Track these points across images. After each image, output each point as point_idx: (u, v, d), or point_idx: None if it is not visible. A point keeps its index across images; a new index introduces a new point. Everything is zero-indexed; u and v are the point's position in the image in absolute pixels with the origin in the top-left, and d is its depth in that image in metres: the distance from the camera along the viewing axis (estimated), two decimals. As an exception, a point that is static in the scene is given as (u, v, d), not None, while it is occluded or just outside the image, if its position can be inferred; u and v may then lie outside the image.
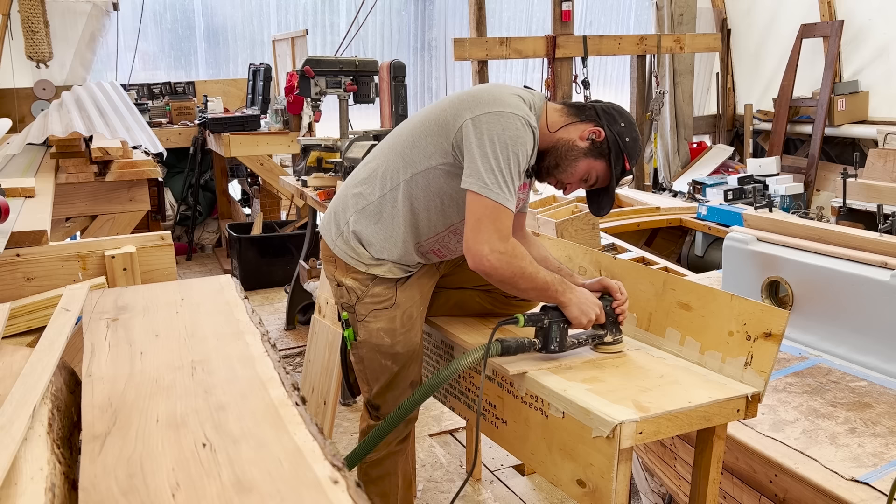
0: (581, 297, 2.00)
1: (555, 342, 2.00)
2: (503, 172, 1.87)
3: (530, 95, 2.04)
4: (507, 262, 1.89)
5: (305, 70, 4.02)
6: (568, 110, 2.06)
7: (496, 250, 1.88)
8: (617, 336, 2.08)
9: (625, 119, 2.05)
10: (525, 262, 1.93)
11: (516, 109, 1.92)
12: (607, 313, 2.05)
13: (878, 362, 2.56)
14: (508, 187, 1.88)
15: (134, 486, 0.98)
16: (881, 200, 4.52)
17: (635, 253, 4.23)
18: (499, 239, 1.87)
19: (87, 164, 3.60)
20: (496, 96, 1.95)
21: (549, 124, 2.03)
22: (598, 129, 2.02)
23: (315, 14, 7.73)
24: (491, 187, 1.86)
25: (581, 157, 2.02)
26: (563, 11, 6.40)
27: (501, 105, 1.92)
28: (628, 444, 1.67)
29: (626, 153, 2.03)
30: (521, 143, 1.90)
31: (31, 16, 6.08)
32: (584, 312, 1.99)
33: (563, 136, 2.02)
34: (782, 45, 7.78)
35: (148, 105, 6.59)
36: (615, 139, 2.02)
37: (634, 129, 2.06)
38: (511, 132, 1.89)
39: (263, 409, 1.19)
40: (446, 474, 3.06)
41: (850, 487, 1.90)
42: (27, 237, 2.31)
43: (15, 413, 1.21)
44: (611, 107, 2.08)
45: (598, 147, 2.02)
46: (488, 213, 1.87)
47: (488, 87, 2.07)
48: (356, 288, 2.14)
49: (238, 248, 5.61)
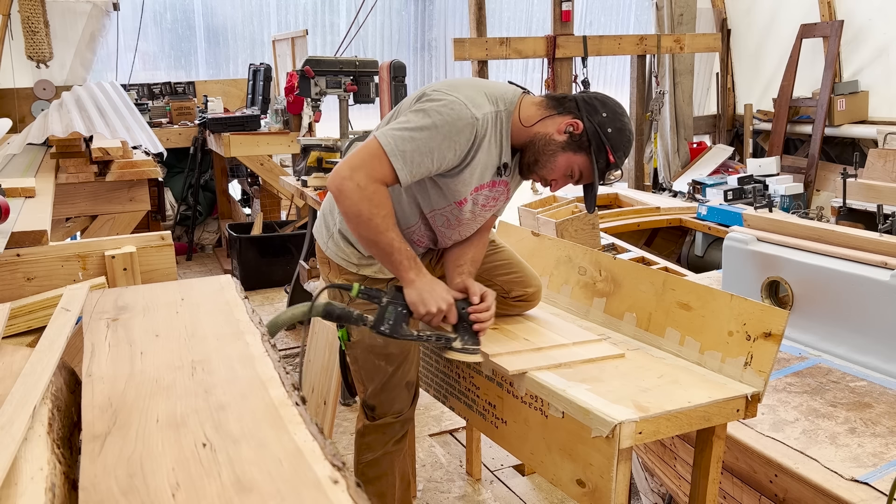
0: (428, 286, 1.91)
1: (387, 323, 1.91)
2: (411, 136, 1.83)
3: (501, 90, 1.97)
4: (358, 198, 1.83)
5: (305, 70, 4.02)
6: (547, 103, 1.97)
7: (356, 180, 1.82)
8: (467, 344, 1.95)
9: (608, 109, 1.94)
10: (377, 212, 1.84)
11: (464, 97, 1.86)
12: (461, 316, 1.94)
13: (878, 362, 2.56)
14: (406, 147, 1.83)
15: (134, 486, 0.98)
16: (881, 200, 4.52)
17: (635, 253, 4.22)
18: (366, 174, 1.82)
19: (87, 164, 3.60)
20: (453, 84, 1.93)
21: (522, 119, 1.95)
22: (575, 122, 1.92)
23: (315, 14, 7.73)
24: (388, 137, 1.84)
25: (559, 152, 1.94)
26: (563, 11, 6.40)
27: (451, 90, 1.89)
28: (628, 444, 1.67)
29: (608, 145, 1.92)
30: (448, 124, 1.83)
31: (31, 16, 6.09)
32: (422, 301, 1.90)
33: (539, 131, 1.94)
34: (782, 45, 7.79)
35: (148, 105, 6.59)
36: (595, 131, 1.91)
37: (619, 119, 1.94)
38: (444, 111, 1.84)
39: (263, 409, 1.19)
40: (446, 474, 3.06)
41: (850, 487, 1.90)
42: (27, 237, 2.31)
43: (15, 413, 1.21)
44: (593, 97, 1.97)
45: (577, 140, 1.93)
46: (371, 150, 1.85)
47: (454, 79, 2.05)
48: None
49: (238, 248, 5.61)
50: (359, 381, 2.22)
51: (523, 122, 1.95)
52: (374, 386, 2.18)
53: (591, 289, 2.34)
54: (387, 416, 2.22)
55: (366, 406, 2.24)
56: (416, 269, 1.92)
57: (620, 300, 2.23)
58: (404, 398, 2.22)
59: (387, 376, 2.17)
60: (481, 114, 1.87)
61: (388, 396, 2.20)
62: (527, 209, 4.24)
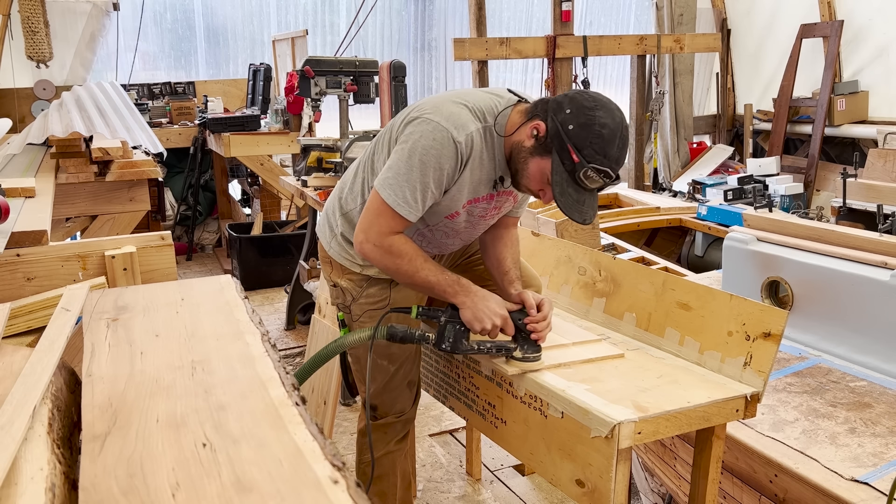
0: (479, 303, 1.93)
1: (447, 341, 1.97)
2: (404, 177, 1.86)
3: (492, 103, 1.94)
4: (379, 256, 1.93)
5: (305, 70, 4.02)
6: (528, 109, 1.92)
7: (371, 241, 1.92)
8: (528, 353, 1.96)
9: (574, 105, 1.80)
10: (401, 261, 1.92)
11: (445, 120, 1.86)
12: (518, 327, 1.96)
13: (878, 362, 2.56)
14: (404, 192, 1.87)
15: (134, 486, 0.98)
16: (881, 200, 4.52)
17: (635, 253, 4.23)
18: (377, 233, 1.91)
19: (87, 164, 3.60)
20: (437, 105, 1.92)
21: (506, 129, 1.92)
22: (538, 124, 1.84)
23: (315, 14, 7.73)
24: (384, 186, 1.89)
25: (529, 158, 1.88)
26: (563, 11, 6.40)
27: (433, 113, 1.88)
28: (627, 444, 1.67)
29: (570, 143, 1.78)
30: (433, 153, 1.85)
31: (31, 16, 6.09)
32: (477, 318, 1.92)
33: (516, 140, 1.91)
34: (782, 45, 7.79)
35: (148, 105, 6.59)
36: (557, 130, 1.79)
37: (586, 114, 1.78)
38: (426, 141, 1.85)
39: (263, 409, 1.20)
40: (446, 474, 3.06)
41: (850, 487, 1.90)
42: (27, 237, 2.31)
43: (15, 413, 1.21)
44: (565, 94, 1.86)
45: (542, 143, 1.84)
46: (375, 208, 1.91)
47: (442, 94, 2.03)
48: (351, 289, 2.15)
49: (238, 248, 5.61)
50: (360, 380, 2.23)
51: (504, 133, 1.92)
52: (376, 386, 2.19)
53: (590, 289, 2.34)
54: (388, 416, 2.22)
55: (368, 406, 2.24)
56: (464, 291, 1.95)
57: (620, 300, 2.23)
58: (406, 398, 2.22)
59: (389, 376, 2.17)
60: (464, 136, 1.86)
61: (390, 396, 2.20)
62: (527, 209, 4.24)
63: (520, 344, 1.97)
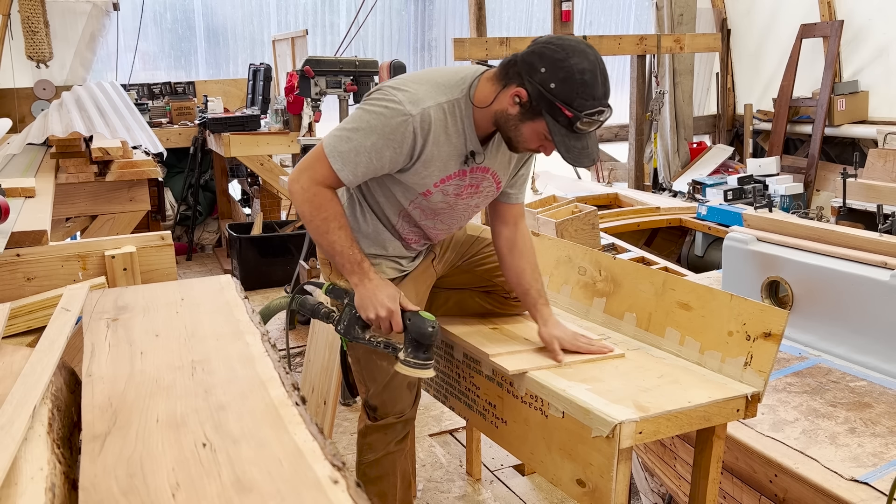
0: (370, 291, 1.92)
1: (342, 324, 1.98)
2: (350, 136, 1.88)
3: (458, 78, 1.92)
4: (301, 200, 1.93)
5: (305, 70, 4.02)
6: (498, 75, 1.89)
7: (300, 183, 1.92)
8: (411, 357, 1.89)
9: (545, 62, 1.77)
10: (317, 214, 1.92)
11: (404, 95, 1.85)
12: (408, 328, 1.90)
13: (878, 362, 2.56)
14: (342, 148, 1.87)
15: (134, 486, 0.98)
16: (881, 200, 4.52)
17: (635, 253, 4.23)
18: (309, 177, 1.92)
19: (87, 164, 3.60)
20: (404, 80, 1.93)
21: (478, 101, 1.90)
22: (519, 90, 1.81)
23: (315, 14, 7.73)
24: (330, 139, 1.90)
25: (520, 125, 1.85)
26: (563, 11, 6.40)
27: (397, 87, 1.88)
28: (628, 444, 1.67)
29: (558, 101, 1.76)
30: (381, 121, 1.85)
31: (31, 16, 6.09)
32: (362, 306, 1.93)
33: (497, 109, 1.87)
34: (782, 45, 7.78)
35: (148, 105, 6.59)
36: (539, 92, 1.77)
37: (562, 68, 1.75)
38: (378, 108, 1.86)
39: (263, 409, 1.19)
40: (446, 474, 3.06)
41: (850, 487, 1.90)
42: (27, 237, 2.31)
43: (15, 413, 1.21)
44: (532, 51, 1.81)
45: (528, 108, 1.81)
46: (316, 152, 1.92)
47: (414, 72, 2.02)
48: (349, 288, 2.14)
49: (238, 248, 5.61)
50: (360, 381, 2.22)
51: (479, 104, 1.89)
52: (375, 386, 2.18)
53: (591, 289, 2.34)
54: (389, 417, 2.22)
55: (368, 406, 2.23)
56: (360, 273, 1.95)
57: (620, 300, 2.23)
58: (406, 399, 2.22)
59: (388, 377, 2.16)
60: (418, 110, 1.84)
61: (390, 397, 2.19)
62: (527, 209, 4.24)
63: (405, 346, 1.92)
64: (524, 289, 2.16)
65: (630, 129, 7.31)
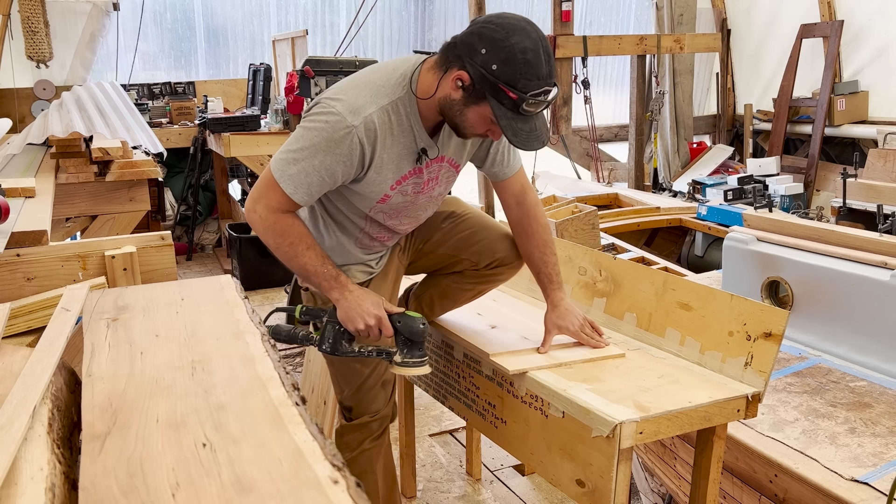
0: (354, 302, 1.88)
1: (327, 342, 1.92)
2: (296, 158, 1.83)
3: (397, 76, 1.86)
4: (262, 229, 1.88)
5: (305, 70, 4.02)
6: (438, 62, 1.82)
7: (258, 213, 1.87)
8: (408, 358, 1.88)
9: (486, 41, 1.70)
10: (282, 241, 1.88)
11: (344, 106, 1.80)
12: (398, 330, 1.88)
13: (878, 362, 2.56)
14: (291, 171, 1.82)
15: (134, 486, 0.98)
16: (881, 200, 4.52)
17: (635, 253, 4.23)
18: (265, 206, 1.86)
19: (87, 164, 3.60)
20: (341, 88, 1.87)
21: (420, 92, 1.84)
22: (460, 74, 1.74)
23: (315, 14, 7.73)
24: (277, 163, 1.85)
25: (465, 110, 1.79)
26: (563, 11, 6.40)
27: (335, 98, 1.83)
28: (628, 444, 1.67)
29: (500, 83, 1.69)
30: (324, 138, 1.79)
31: (31, 16, 6.09)
32: (349, 318, 1.88)
33: (441, 96, 1.80)
34: (782, 45, 7.78)
35: (148, 105, 6.59)
36: (481, 75, 1.71)
37: (504, 47, 1.69)
38: (319, 124, 1.81)
39: (263, 409, 1.19)
40: (446, 474, 3.06)
41: (850, 487, 1.90)
42: (27, 237, 2.31)
43: (15, 413, 1.21)
44: (471, 32, 1.75)
45: (471, 91, 1.75)
46: (267, 180, 1.87)
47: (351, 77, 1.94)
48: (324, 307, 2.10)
49: (238, 248, 5.61)
50: (335, 382, 2.20)
51: (423, 96, 1.83)
52: (349, 388, 2.17)
53: (591, 289, 2.34)
54: (364, 416, 2.20)
55: (343, 407, 2.22)
56: (340, 287, 1.90)
57: (621, 300, 2.23)
58: (381, 398, 2.20)
59: (362, 378, 2.14)
60: (360, 119, 1.80)
61: (364, 397, 2.18)
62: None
63: (400, 348, 1.90)
64: (535, 272, 2.14)
65: (630, 129, 7.31)
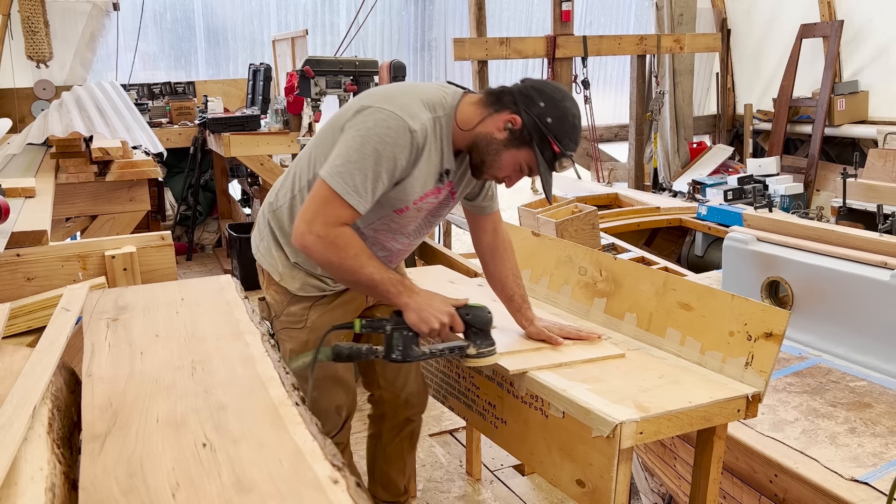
0: (424, 303, 1.88)
1: (396, 350, 1.88)
2: (354, 164, 1.81)
3: (440, 94, 1.93)
4: (323, 248, 1.82)
5: (305, 70, 4.02)
6: (485, 100, 1.93)
7: (315, 232, 1.81)
8: (482, 348, 1.91)
9: (545, 97, 1.88)
10: (346, 255, 1.82)
11: (399, 110, 1.83)
12: (467, 322, 1.90)
13: (878, 362, 2.56)
14: (353, 180, 1.80)
15: (134, 486, 0.98)
16: (881, 200, 4.52)
17: (635, 253, 4.23)
18: (322, 223, 1.81)
19: (87, 164, 3.60)
20: (387, 95, 1.89)
21: (461, 122, 1.92)
22: (513, 117, 1.87)
23: (315, 14, 7.73)
24: (333, 174, 1.82)
25: (502, 150, 1.90)
26: (563, 11, 6.40)
27: (385, 103, 1.85)
28: (628, 444, 1.67)
29: (550, 135, 1.86)
30: (388, 142, 1.81)
31: (31, 16, 6.09)
32: (423, 320, 1.86)
33: (481, 131, 1.90)
34: (782, 45, 7.79)
35: (148, 105, 6.59)
36: (535, 123, 1.86)
37: (559, 107, 1.87)
38: (380, 129, 1.81)
39: (263, 409, 1.19)
40: (446, 474, 3.06)
41: (850, 487, 1.90)
42: (27, 237, 2.31)
43: (15, 413, 1.21)
44: (530, 86, 1.90)
45: (517, 135, 1.88)
46: (322, 196, 1.82)
47: (392, 84, 2.01)
48: (274, 304, 2.10)
49: (238, 248, 5.60)
50: None
51: (462, 126, 1.91)
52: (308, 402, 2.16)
53: (591, 289, 2.34)
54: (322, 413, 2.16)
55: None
56: (407, 291, 1.90)
57: (621, 300, 2.23)
58: (333, 421, 2.18)
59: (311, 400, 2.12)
60: (419, 124, 1.84)
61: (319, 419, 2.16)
62: (527, 209, 4.24)
63: (471, 340, 1.92)
64: (508, 295, 2.18)
65: (630, 129, 7.31)
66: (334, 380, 2.15)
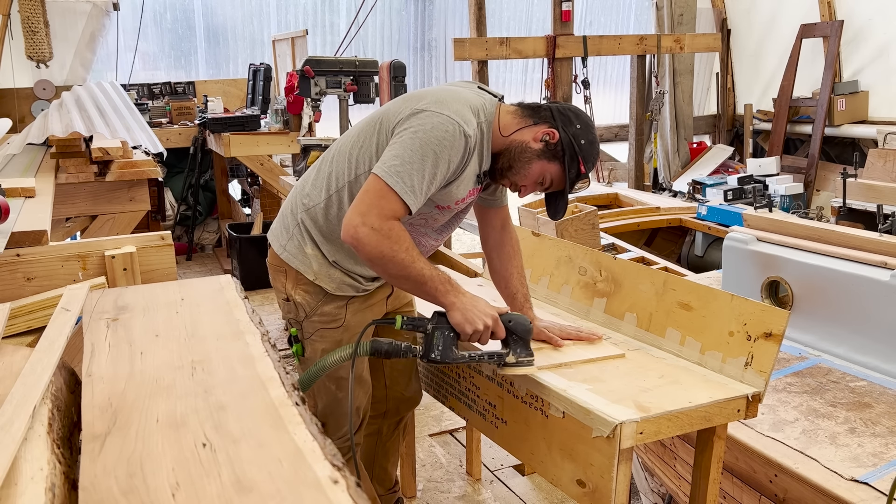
0: (470, 304, 1.87)
1: (436, 350, 1.87)
2: (412, 165, 1.83)
3: (481, 100, 2.00)
4: (376, 240, 1.80)
5: (305, 70, 4.02)
6: (522, 112, 2.01)
7: (369, 224, 1.80)
8: (521, 357, 1.90)
9: (581, 121, 2.00)
10: (399, 248, 1.82)
11: (455, 114, 1.87)
12: (509, 329, 1.90)
13: (878, 362, 2.56)
14: (411, 179, 1.82)
15: (134, 486, 0.98)
16: (881, 200, 4.52)
17: (635, 253, 4.23)
18: (377, 215, 1.81)
19: (87, 164, 3.60)
20: (440, 99, 1.92)
21: (501, 128, 1.99)
22: (552, 131, 1.97)
23: (315, 14, 7.73)
24: (390, 172, 1.83)
25: (534, 159, 1.97)
26: (563, 11, 6.40)
27: (440, 107, 1.88)
28: (629, 445, 1.67)
29: (581, 156, 1.97)
30: (446, 145, 1.84)
31: (31, 16, 6.09)
32: (468, 320, 1.85)
33: (516, 139, 1.98)
34: (782, 45, 7.79)
35: (148, 105, 6.59)
36: (570, 141, 1.97)
37: (591, 132, 2.01)
38: (438, 132, 1.84)
39: (263, 409, 1.19)
40: (446, 474, 3.06)
41: (850, 487, 1.90)
42: (27, 237, 2.31)
43: (15, 413, 1.21)
44: (567, 108, 2.02)
45: (551, 149, 1.97)
46: (376, 190, 1.83)
47: (437, 88, 2.03)
48: (305, 304, 2.09)
49: (238, 248, 5.61)
50: (310, 395, 2.17)
51: (502, 132, 1.98)
52: (323, 405, 2.17)
53: (591, 289, 2.34)
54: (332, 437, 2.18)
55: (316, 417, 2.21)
56: (454, 291, 1.89)
57: (621, 300, 2.23)
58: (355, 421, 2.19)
59: (336, 400, 2.14)
60: (472, 130, 1.90)
61: (335, 420, 2.18)
62: (527, 209, 4.24)
63: (511, 348, 1.91)
64: (511, 293, 2.20)
65: (630, 129, 7.31)
66: (358, 380, 2.17)
